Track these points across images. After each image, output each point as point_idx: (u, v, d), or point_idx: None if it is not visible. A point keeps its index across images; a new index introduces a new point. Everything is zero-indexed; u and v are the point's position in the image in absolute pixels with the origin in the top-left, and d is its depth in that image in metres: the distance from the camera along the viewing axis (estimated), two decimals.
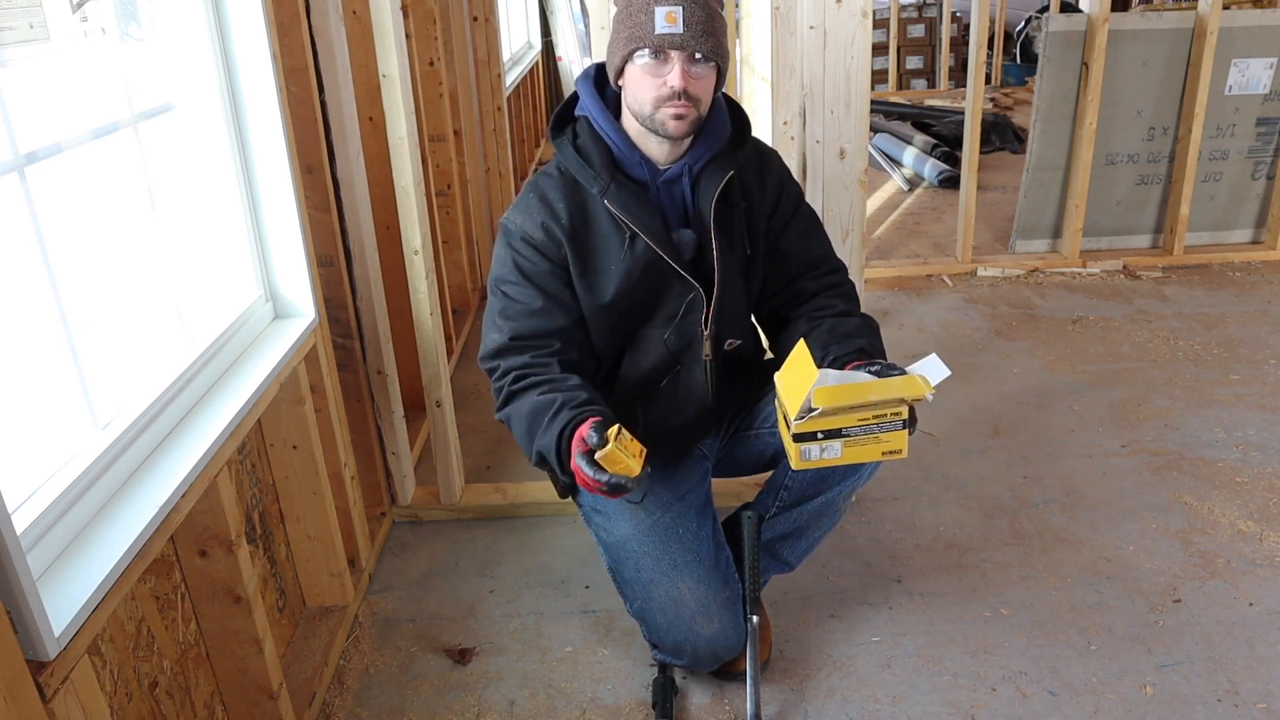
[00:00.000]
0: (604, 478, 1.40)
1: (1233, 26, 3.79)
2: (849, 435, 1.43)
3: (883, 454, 1.46)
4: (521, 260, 1.63)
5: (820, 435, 1.43)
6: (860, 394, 1.41)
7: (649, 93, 1.54)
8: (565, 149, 1.64)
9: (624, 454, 1.40)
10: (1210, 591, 2.04)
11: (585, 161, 1.61)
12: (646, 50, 1.52)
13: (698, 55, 1.52)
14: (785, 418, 1.46)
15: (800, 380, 1.43)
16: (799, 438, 1.43)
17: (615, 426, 1.42)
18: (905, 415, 1.43)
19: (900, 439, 1.45)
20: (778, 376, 1.50)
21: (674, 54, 1.51)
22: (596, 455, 1.41)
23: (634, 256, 1.61)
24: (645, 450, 1.44)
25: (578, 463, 1.42)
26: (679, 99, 1.53)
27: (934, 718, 1.76)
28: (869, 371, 1.50)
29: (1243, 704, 1.75)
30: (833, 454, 1.45)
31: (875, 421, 1.43)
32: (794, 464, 1.47)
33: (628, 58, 1.55)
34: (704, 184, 1.64)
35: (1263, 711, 1.73)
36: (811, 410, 1.40)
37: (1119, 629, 1.95)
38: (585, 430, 1.43)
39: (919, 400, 1.42)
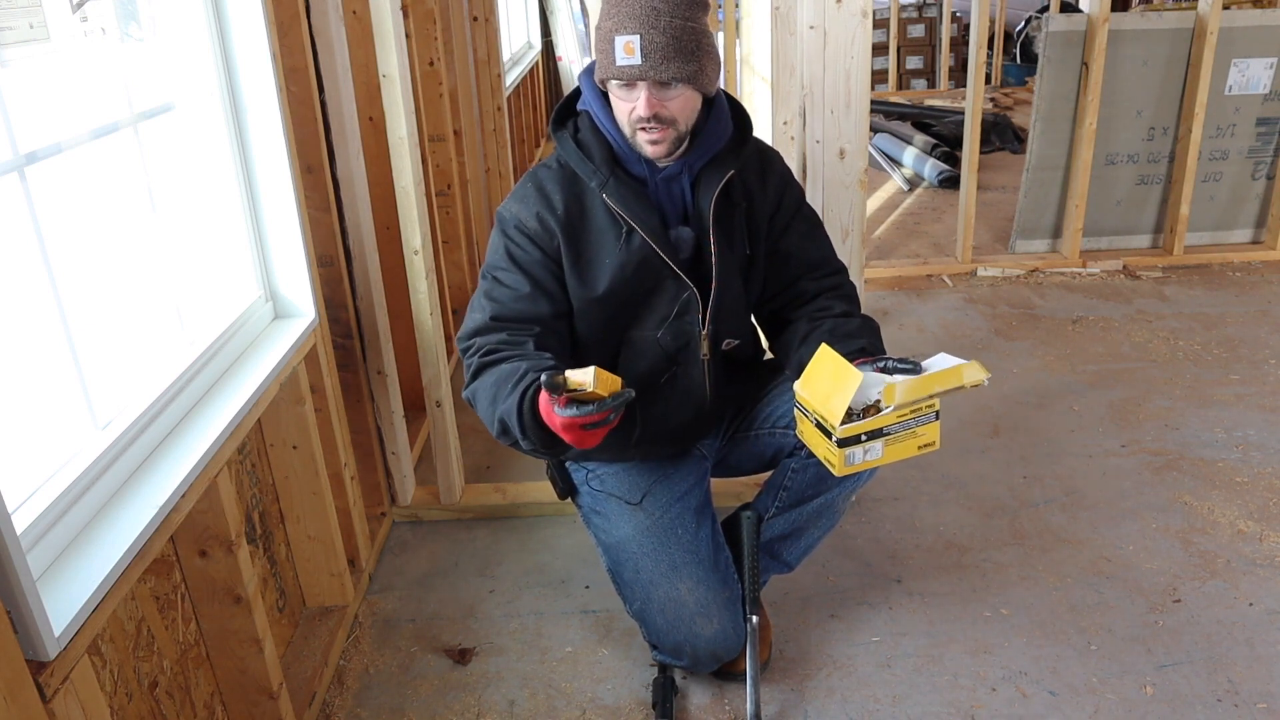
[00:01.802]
0: (593, 406, 1.32)
1: (1233, 26, 3.79)
2: (889, 434, 1.41)
3: (919, 448, 1.44)
4: (514, 248, 1.63)
5: (864, 438, 1.40)
6: (925, 387, 1.38)
7: (623, 116, 1.55)
8: (566, 142, 1.64)
9: (588, 381, 1.31)
10: (1210, 591, 2.04)
11: (585, 155, 1.61)
12: (612, 81, 1.53)
13: (662, 82, 1.50)
14: (822, 425, 1.43)
15: (835, 384, 1.40)
16: (843, 443, 1.40)
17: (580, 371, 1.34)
18: (938, 407, 1.42)
19: (934, 431, 1.44)
20: (799, 385, 1.47)
21: (640, 83, 1.50)
22: (569, 390, 1.32)
23: (629, 251, 1.61)
24: (617, 379, 1.35)
25: (561, 414, 1.34)
26: (649, 124, 1.52)
27: (934, 718, 1.76)
28: (876, 368, 1.49)
29: (1243, 704, 1.75)
30: (875, 455, 1.42)
31: (913, 416, 1.41)
32: (838, 471, 1.43)
33: (604, 81, 1.56)
34: (704, 182, 1.64)
35: (1263, 711, 1.73)
36: (881, 409, 1.38)
37: (1119, 629, 1.95)
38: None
39: (978, 385, 1.38)
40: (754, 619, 1.76)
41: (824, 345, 1.47)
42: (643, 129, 1.53)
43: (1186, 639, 1.91)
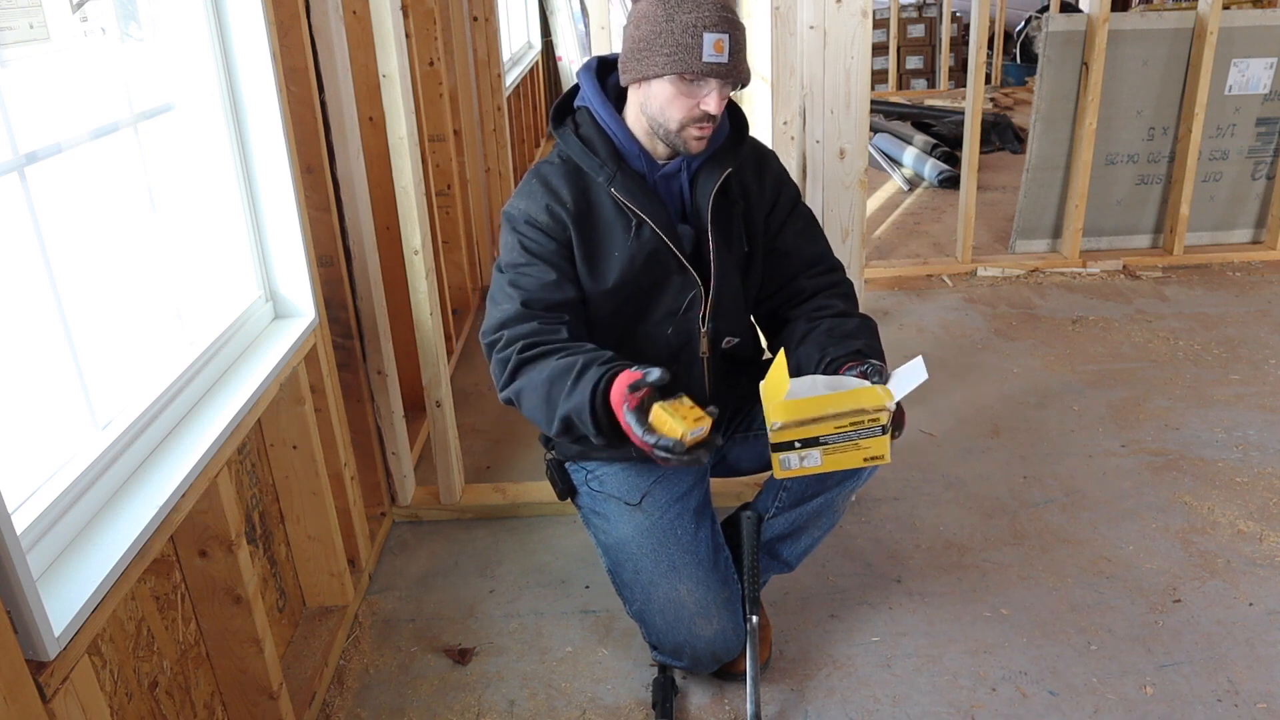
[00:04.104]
0: (651, 439, 1.34)
1: (1233, 26, 3.79)
2: (827, 443, 1.43)
3: (864, 460, 1.45)
4: (529, 242, 1.62)
5: (798, 444, 1.42)
6: (819, 408, 1.40)
7: (679, 113, 1.55)
8: (569, 138, 1.64)
9: (670, 415, 1.33)
10: (1210, 591, 2.04)
11: (590, 150, 1.62)
12: (678, 75, 1.52)
13: (738, 82, 1.53)
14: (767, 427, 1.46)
15: (777, 391, 1.44)
16: (776, 448, 1.43)
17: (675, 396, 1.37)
18: (884, 421, 1.42)
19: (881, 445, 1.44)
20: (761, 386, 1.49)
21: (714, 80, 1.51)
22: (650, 417, 1.34)
23: (639, 244, 1.61)
24: (705, 416, 1.35)
25: (628, 419, 1.37)
26: (708, 121, 1.54)
27: (934, 718, 1.76)
28: (858, 373, 1.50)
29: (1243, 704, 1.75)
30: (813, 462, 1.44)
31: (854, 428, 1.42)
32: (775, 474, 1.46)
33: (660, 74, 1.54)
34: (702, 180, 1.64)
35: (1263, 711, 1.73)
36: (773, 424, 1.41)
37: (1119, 629, 1.95)
38: (628, 378, 1.37)
39: (879, 411, 1.40)
40: (754, 619, 1.76)
41: (781, 351, 1.50)
42: (700, 125, 1.55)
43: (1186, 639, 1.91)
